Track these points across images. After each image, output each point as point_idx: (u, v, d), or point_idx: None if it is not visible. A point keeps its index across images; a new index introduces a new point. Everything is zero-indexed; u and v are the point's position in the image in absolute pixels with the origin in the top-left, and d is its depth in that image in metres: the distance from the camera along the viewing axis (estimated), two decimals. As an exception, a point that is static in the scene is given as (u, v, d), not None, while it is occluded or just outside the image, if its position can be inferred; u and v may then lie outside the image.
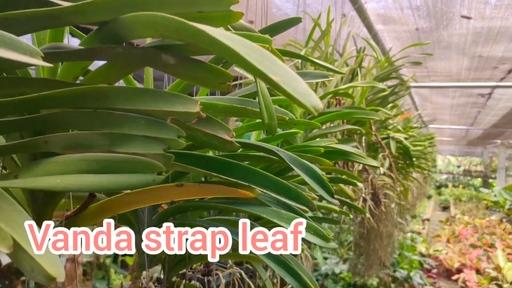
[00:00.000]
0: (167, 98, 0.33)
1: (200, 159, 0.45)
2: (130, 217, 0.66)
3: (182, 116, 0.33)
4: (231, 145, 0.40)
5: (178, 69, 0.36)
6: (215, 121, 0.40)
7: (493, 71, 3.33)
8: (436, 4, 1.97)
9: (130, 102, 0.33)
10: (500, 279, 4.95)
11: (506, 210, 9.11)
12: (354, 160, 0.93)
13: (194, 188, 0.45)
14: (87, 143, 0.33)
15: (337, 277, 4.29)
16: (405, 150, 2.36)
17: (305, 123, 0.73)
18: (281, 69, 0.26)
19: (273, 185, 0.48)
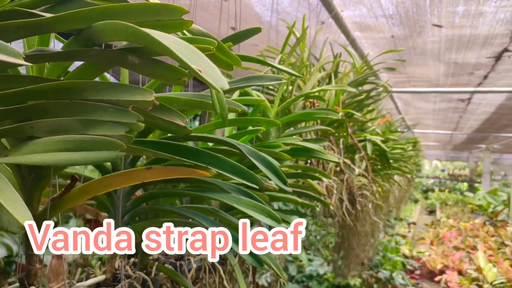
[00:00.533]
0: (129, 90, 0.42)
1: (168, 146, 0.53)
2: (107, 204, 0.74)
3: (141, 104, 0.42)
4: (185, 130, 0.49)
5: (142, 67, 0.45)
6: (173, 111, 0.48)
7: (470, 76, 3.45)
8: (408, 13, 2.08)
9: (100, 94, 0.42)
10: (481, 279, 5.07)
11: (489, 213, 9.29)
12: (317, 156, 1.01)
13: (161, 170, 0.53)
14: (65, 127, 0.41)
15: (321, 278, 4.38)
16: (382, 152, 2.45)
17: (266, 121, 0.81)
18: (204, 62, 0.35)
19: (229, 168, 0.56)
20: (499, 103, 4.71)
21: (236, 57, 0.59)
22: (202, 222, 0.67)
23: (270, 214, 0.68)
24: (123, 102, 0.42)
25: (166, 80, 0.46)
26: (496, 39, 2.35)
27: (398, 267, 4.91)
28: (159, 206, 0.73)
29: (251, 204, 0.69)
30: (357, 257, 2.69)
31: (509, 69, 3.01)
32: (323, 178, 1.12)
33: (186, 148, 0.55)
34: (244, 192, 0.71)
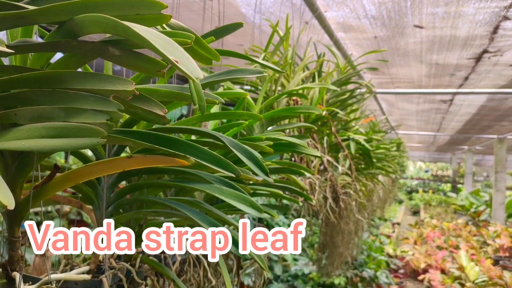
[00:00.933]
0: (110, 80, 0.44)
1: (149, 136, 0.55)
2: (91, 195, 0.75)
3: (121, 93, 0.44)
4: (163, 119, 0.51)
5: (123, 59, 0.46)
6: (151, 100, 0.50)
7: (451, 78, 3.51)
8: (390, 14, 2.12)
9: (82, 83, 0.43)
10: (463, 278, 5.15)
11: (472, 213, 9.44)
12: (299, 151, 1.03)
13: (141, 158, 0.54)
14: (47, 115, 0.43)
15: (306, 278, 4.41)
16: (365, 151, 2.49)
17: (249, 115, 0.83)
18: (180, 53, 0.37)
19: (207, 157, 0.57)
20: (480, 104, 4.81)
21: (214, 51, 0.61)
22: (186, 212, 0.69)
23: (252, 204, 0.70)
24: (104, 92, 0.43)
25: (146, 71, 0.48)
26: (476, 40, 2.41)
27: (382, 266, 4.96)
28: (143, 197, 0.75)
29: (233, 194, 0.71)
30: (341, 255, 2.72)
31: (489, 70, 3.07)
32: (306, 173, 1.15)
33: (166, 138, 0.56)
34: (227, 183, 0.73)
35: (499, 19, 2.02)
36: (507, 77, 3.30)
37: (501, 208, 8.15)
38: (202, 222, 0.70)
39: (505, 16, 1.98)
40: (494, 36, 2.28)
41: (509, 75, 3.23)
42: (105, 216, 0.74)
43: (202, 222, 0.70)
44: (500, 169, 8.13)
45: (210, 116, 0.84)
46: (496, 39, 2.34)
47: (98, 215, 0.75)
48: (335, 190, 2.08)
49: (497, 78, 3.36)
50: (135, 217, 0.78)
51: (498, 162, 8.10)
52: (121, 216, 0.75)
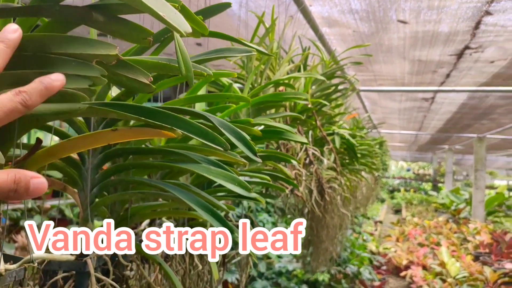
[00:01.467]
0: (93, 44, 0.42)
1: (134, 107, 0.53)
2: (75, 176, 0.73)
3: (104, 58, 0.42)
4: (149, 87, 0.49)
5: (107, 26, 0.45)
6: (136, 68, 0.49)
7: (433, 75, 3.56)
8: (374, 9, 2.13)
9: (63, 47, 0.42)
10: (444, 274, 5.22)
11: (452, 211, 9.59)
12: (287, 138, 1.03)
13: (126, 131, 0.53)
14: (27, 80, 0.41)
15: (290, 275, 4.41)
16: (349, 145, 2.50)
17: (237, 97, 0.82)
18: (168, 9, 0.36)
19: (194, 129, 0.56)
20: (461, 102, 4.88)
21: (202, 23, 0.59)
22: (174, 192, 0.67)
23: (240, 183, 0.69)
24: (87, 56, 0.42)
25: (131, 39, 0.46)
26: (458, 36, 2.44)
27: (365, 262, 5.00)
28: (129, 178, 0.73)
29: (221, 174, 0.69)
30: (326, 250, 2.73)
31: (470, 67, 3.12)
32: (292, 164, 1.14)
33: (152, 110, 0.55)
34: (214, 162, 0.72)
35: (481, 14, 2.06)
36: (488, 74, 3.36)
37: (480, 206, 8.30)
38: (191, 203, 0.69)
39: (487, 11, 2.01)
40: (475, 31, 2.32)
41: (489, 72, 3.29)
42: (89, 198, 0.72)
43: (191, 202, 0.69)
44: (479, 167, 8.28)
45: (197, 98, 0.82)
46: (477, 35, 2.37)
47: (82, 197, 0.73)
48: (320, 184, 2.08)
49: (478, 75, 3.41)
50: (121, 198, 0.76)
51: (477, 161, 8.24)
52: (106, 198, 0.73)
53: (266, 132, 1.07)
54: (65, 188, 0.74)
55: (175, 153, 0.73)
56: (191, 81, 0.53)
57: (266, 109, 1.37)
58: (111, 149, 0.72)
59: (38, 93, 0.40)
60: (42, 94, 0.40)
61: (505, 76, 3.37)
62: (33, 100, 0.39)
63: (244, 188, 0.69)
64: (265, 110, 1.42)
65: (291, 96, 1.15)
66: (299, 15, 2.23)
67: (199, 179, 1.01)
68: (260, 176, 0.96)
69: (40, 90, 0.40)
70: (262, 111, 1.41)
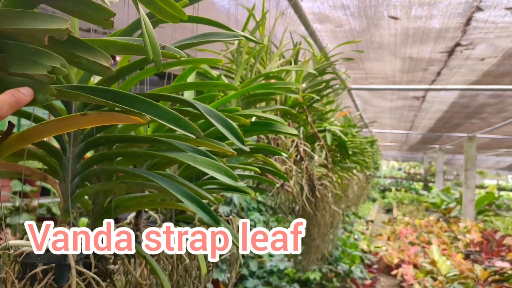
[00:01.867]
0: (44, 19, 0.41)
1: (104, 91, 0.51)
2: (55, 166, 0.70)
3: (56, 33, 0.40)
4: (109, 71, 0.47)
5: (67, 4, 0.43)
6: (97, 50, 0.46)
7: (424, 73, 3.56)
8: (365, 4, 2.12)
9: (15, 22, 0.40)
10: (435, 272, 5.23)
11: (443, 210, 9.63)
12: (278, 130, 1.00)
13: (95, 116, 0.50)
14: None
15: (282, 274, 4.39)
16: (340, 142, 2.49)
17: (225, 85, 0.80)
18: None
19: (164, 115, 0.53)
20: (451, 101, 4.89)
21: (179, 7, 0.57)
22: (160, 182, 0.65)
23: (227, 172, 0.66)
24: (38, 32, 0.40)
25: (93, 20, 0.44)
26: (449, 33, 2.44)
27: (356, 261, 4.99)
28: (112, 167, 0.70)
29: (207, 163, 0.67)
30: (317, 249, 2.71)
31: (461, 64, 3.12)
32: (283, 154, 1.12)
33: (122, 94, 0.52)
34: (200, 151, 0.69)
35: (472, 9, 2.05)
36: (478, 72, 3.36)
37: (471, 205, 8.34)
38: (177, 193, 0.66)
39: (478, 6, 2.00)
40: (466, 28, 2.31)
41: (480, 70, 3.30)
42: (70, 188, 0.69)
43: (177, 193, 0.67)
44: (470, 167, 8.32)
45: (184, 86, 0.80)
46: (468, 31, 2.37)
47: (63, 187, 0.70)
48: (311, 180, 2.06)
49: (468, 73, 3.42)
50: (103, 189, 0.73)
51: (468, 160, 8.29)
52: (87, 188, 0.70)
53: (256, 124, 1.04)
54: (46, 178, 0.71)
55: (160, 142, 0.70)
56: (159, 65, 0.50)
57: (256, 102, 1.35)
58: (93, 137, 0.69)
59: (9, 105, 0.42)
60: (13, 106, 0.42)
61: (496, 74, 3.38)
62: (4, 112, 0.41)
63: (230, 177, 0.66)
64: (255, 103, 1.40)
65: (281, 86, 1.13)
66: (290, 10, 2.21)
67: (186, 171, 0.98)
68: (250, 168, 0.94)
69: (11, 103, 0.42)
70: (252, 104, 1.38)
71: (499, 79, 3.57)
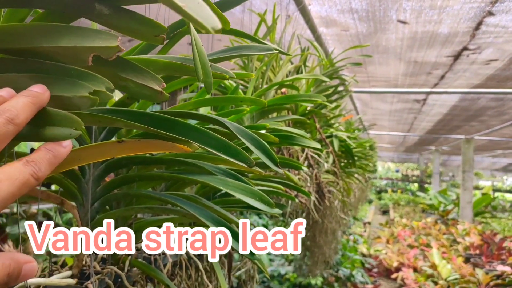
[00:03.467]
0: (88, 34, 0.34)
1: (143, 115, 0.45)
2: (74, 190, 0.65)
3: (103, 51, 0.34)
4: (161, 96, 0.42)
5: (112, 19, 0.37)
6: (146, 72, 0.41)
7: (427, 76, 3.52)
8: (374, 8, 2.07)
9: (53, 39, 0.34)
10: (436, 276, 5.21)
11: (441, 212, 9.62)
12: (299, 143, 0.96)
13: (134, 143, 0.45)
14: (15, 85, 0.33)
15: (282, 278, 4.35)
16: (347, 148, 2.45)
17: (251, 100, 0.75)
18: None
19: (214, 142, 0.49)
20: (452, 104, 4.87)
21: (224, 16, 0.52)
22: (186, 208, 0.60)
23: (262, 198, 0.61)
24: (81, 49, 0.34)
25: (141, 37, 0.38)
26: (457, 37, 2.40)
27: (357, 265, 4.96)
28: (136, 191, 0.65)
29: (239, 187, 0.62)
30: (323, 255, 2.67)
31: (466, 68, 3.09)
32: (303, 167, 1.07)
33: (163, 118, 0.47)
34: (230, 173, 0.65)
35: (483, 14, 2.01)
36: (482, 76, 3.33)
37: (468, 207, 8.34)
38: (205, 219, 0.61)
39: (489, 11, 1.97)
40: (476, 32, 2.28)
41: (484, 74, 3.27)
42: (90, 214, 0.64)
43: (205, 218, 0.62)
44: (467, 168, 8.32)
45: (207, 101, 0.75)
46: (477, 36, 2.33)
47: (82, 213, 0.65)
48: (320, 188, 2.01)
49: (472, 77, 3.39)
50: (125, 214, 0.68)
51: (465, 162, 8.28)
52: (109, 214, 0.65)
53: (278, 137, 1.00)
54: (63, 203, 0.66)
55: (186, 163, 0.65)
56: (210, 87, 0.45)
57: (269, 112, 1.30)
58: (114, 159, 0.64)
59: (47, 162, 0.36)
60: (51, 162, 0.36)
61: (499, 78, 3.35)
62: (43, 171, 0.35)
63: (266, 203, 0.61)
64: (268, 113, 1.35)
65: (306, 99, 1.08)
66: (298, 14, 2.16)
67: (204, 188, 0.93)
68: (272, 186, 0.89)
69: (49, 159, 0.36)
70: (265, 114, 1.33)
71: (502, 83, 3.54)
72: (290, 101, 1.12)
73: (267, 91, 1.31)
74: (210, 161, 0.67)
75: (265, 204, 0.62)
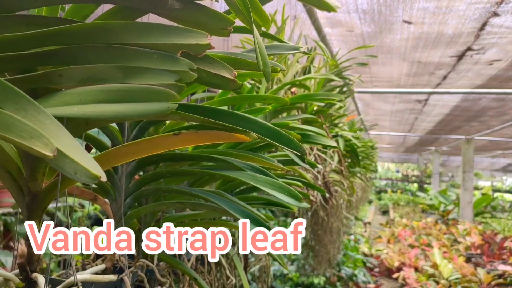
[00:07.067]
0: (179, 32, 0.36)
1: (197, 108, 0.48)
2: (107, 185, 0.67)
3: (193, 49, 0.36)
4: (233, 83, 0.43)
5: (183, 14, 0.39)
6: (218, 62, 0.43)
7: (430, 76, 3.55)
8: (381, 8, 2.10)
9: (142, 37, 0.36)
10: (437, 275, 5.23)
11: (441, 212, 9.65)
12: (315, 142, 0.98)
13: (191, 135, 0.47)
14: (101, 76, 0.35)
15: (285, 278, 4.36)
16: (352, 148, 2.47)
17: (274, 98, 0.77)
18: None
19: (266, 132, 0.51)
20: (454, 104, 4.89)
21: (266, 15, 0.54)
22: (218, 202, 0.62)
23: (290, 192, 0.63)
24: (171, 47, 0.36)
25: (209, 30, 0.40)
26: (461, 38, 2.42)
27: (359, 265, 4.98)
28: (168, 187, 0.67)
29: (268, 182, 0.64)
30: (327, 254, 2.69)
31: (469, 69, 3.11)
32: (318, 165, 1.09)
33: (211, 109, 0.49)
34: (259, 169, 0.67)
35: (489, 15, 2.04)
36: (485, 76, 3.36)
37: (468, 207, 8.37)
38: (235, 212, 0.63)
39: (495, 12, 1.99)
40: (480, 33, 2.30)
41: (486, 74, 3.29)
42: (123, 209, 0.66)
43: (235, 212, 0.63)
44: (467, 169, 8.34)
45: (233, 99, 0.77)
46: (482, 36, 2.36)
47: (115, 208, 0.67)
48: (327, 187, 2.03)
49: (475, 77, 3.41)
50: (156, 209, 0.70)
51: (465, 162, 8.31)
52: (141, 209, 0.67)
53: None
54: (96, 198, 0.68)
55: (215, 159, 0.67)
56: (268, 76, 0.47)
57: (282, 112, 1.32)
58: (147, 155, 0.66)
59: None
60: None
61: (502, 79, 3.38)
62: None
63: (294, 197, 0.63)
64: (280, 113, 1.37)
65: (323, 98, 1.10)
66: (304, 14, 2.19)
67: (225, 185, 0.95)
68: (291, 182, 0.91)
69: None
70: (278, 114, 1.35)
71: (504, 83, 3.57)
72: (309, 99, 1.15)
73: (279, 90, 1.33)
74: (238, 157, 0.69)
75: (293, 198, 0.64)
